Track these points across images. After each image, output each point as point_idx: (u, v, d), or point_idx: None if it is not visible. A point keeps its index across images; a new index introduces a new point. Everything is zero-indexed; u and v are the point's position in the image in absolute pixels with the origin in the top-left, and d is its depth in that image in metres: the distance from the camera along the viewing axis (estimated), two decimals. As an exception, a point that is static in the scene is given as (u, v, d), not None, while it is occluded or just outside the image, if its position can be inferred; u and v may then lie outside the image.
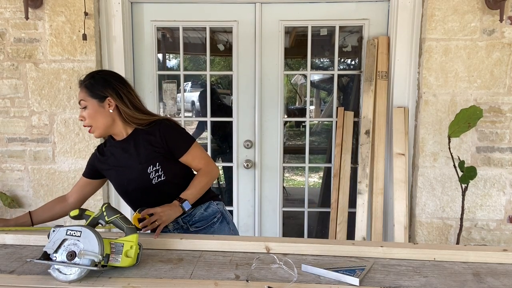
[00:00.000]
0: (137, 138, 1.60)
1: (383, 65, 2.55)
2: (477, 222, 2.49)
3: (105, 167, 1.66)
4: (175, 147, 1.60)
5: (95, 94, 1.55)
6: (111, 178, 1.68)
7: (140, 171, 1.57)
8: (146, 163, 1.57)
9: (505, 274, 1.20)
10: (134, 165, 1.59)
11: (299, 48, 3.23)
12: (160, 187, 1.58)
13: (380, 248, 1.32)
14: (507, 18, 2.31)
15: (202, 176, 1.61)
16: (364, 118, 2.57)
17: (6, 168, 2.60)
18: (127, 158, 1.61)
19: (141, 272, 1.19)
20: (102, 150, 1.68)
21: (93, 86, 1.56)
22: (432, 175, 2.46)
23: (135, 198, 1.64)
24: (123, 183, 1.63)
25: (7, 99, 2.52)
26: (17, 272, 1.20)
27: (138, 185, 1.59)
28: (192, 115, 9.03)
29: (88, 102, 1.55)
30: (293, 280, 1.13)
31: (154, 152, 1.58)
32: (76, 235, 1.14)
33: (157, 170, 1.57)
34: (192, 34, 3.70)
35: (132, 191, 1.62)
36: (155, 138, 1.58)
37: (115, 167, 1.64)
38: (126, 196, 1.68)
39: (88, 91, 1.56)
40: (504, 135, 2.41)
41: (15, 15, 2.44)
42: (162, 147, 1.58)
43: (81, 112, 1.57)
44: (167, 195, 1.56)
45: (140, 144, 1.59)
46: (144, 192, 1.59)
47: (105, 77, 1.61)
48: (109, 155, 1.66)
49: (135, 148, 1.60)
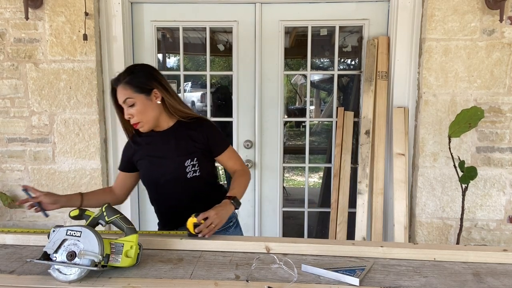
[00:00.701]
0: (179, 131, 1.61)
1: (383, 65, 2.55)
2: (477, 222, 2.49)
3: (138, 156, 1.65)
4: (215, 145, 1.63)
5: (141, 88, 1.53)
6: (143, 167, 1.65)
7: (177, 164, 1.59)
8: (184, 156, 1.58)
9: (505, 274, 1.20)
10: (172, 157, 1.59)
11: (299, 48, 3.23)
12: (192, 182, 1.60)
13: (380, 248, 1.32)
14: (507, 18, 2.31)
15: (242, 176, 1.63)
16: (364, 118, 2.57)
17: (6, 168, 2.60)
18: (165, 149, 1.61)
19: (141, 272, 1.19)
20: (136, 140, 1.66)
21: (136, 81, 1.53)
22: (432, 175, 2.46)
23: (165, 191, 1.63)
24: (156, 174, 1.62)
25: (7, 99, 2.53)
26: (17, 272, 1.20)
27: (172, 177, 1.60)
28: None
29: (136, 98, 1.52)
30: (293, 280, 1.13)
31: (194, 147, 1.60)
32: (76, 235, 1.14)
33: (194, 165, 1.59)
34: (192, 34, 3.70)
35: (164, 183, 1.61)
36: (197, 134, 1.60)
37: (149, 156, 1.63)
38: (155, 187, 1.66)
39: (133, 87, 1.52)
40: (504, 135, 2.41)
41: (15, 15, 2.44)
42: (203, 144, 1.60)
43: (128, 110, 1.53)
44: (196, 191, 1.61)
45: (181, 137, 1.60)
46: (176, 185, 1.60)
47: (144, 70, 1.60)
48: (144, 145, 1.64)
49: (175, 140, 1.60)
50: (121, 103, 1.54)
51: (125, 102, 1.53)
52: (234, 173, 1.65)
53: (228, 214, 1.48)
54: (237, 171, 1.64)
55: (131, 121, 1.55)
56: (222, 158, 1.66)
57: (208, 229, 1.38)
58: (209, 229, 1.38)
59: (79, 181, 2.58)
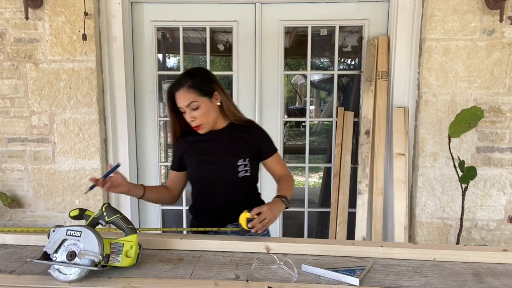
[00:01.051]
0: (232, 132, 1.66)
1: (383, 65, 2.55)
2: (477, 222, 2.49)
3: (189, 154, 1.67)
4: (265, 148, 1.70)
5: (204, 91, 1.57)
6: (193, 165, 1.67)
7: (230, 162, 1.62)
8: (237, 156, 1.63)
9: (505, 274, 1.20)
10: (225, 156, 1.63)
11: (299, 48, 3.23)
12: (242, 182, 1.64)
13: (380, 248, 1.32)
14: (507, 18, 2.31)
15: (289, 180, 1.69)
16: (364, 118, 2.57)
17: (6, 168, 2.60)
18: (219, 148, 1.64)
19: (141, 272, 1.19)
20: (187, 139, 1.68)
21: (200, 84, 1.57)
22: (432, 175, 2.46)
23: (215, 189, 1.65)
24: (207, 172, 1.65)
25: (7, 99, 2.53)
26: (17, 272, 1.20)
27: (223, 175, 1.63)
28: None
29: (200, 101, 1.55)
30: (293, 280, 1.13)
31: (246, 148, 1.65)
32: (76, 235, 1.14)
33: (246, 165, 1.64)
34: (192, 34, 3.71)
35: (215, 181, 1.64)
36: (249, 136, 1.66)
37: (200, 154, 1.65)
38: (205, 185, 1.67)
39: (197, 90, 1.55)
40: (504, 135, 2.41)
41: (15, 15, 2.44)
42: (254, 146, 1.66)
43: (191, 113, 1.56)
44: (244, 191, 1.67)
45: (234, 137, 1.65)
46: (226, 183, 1.63)
47: (204, 73, 1.64)
48: (195, 143, 1.67)
49: (228, 140, 1.64)
50: (183, 107, 1.56)
51: (188, 106, 1.55)
52: (280, 177, 1.70)
53: (279, 211, 1.51)
54: (285, 175, 1.71)
55: (192, 123, 1.58)
56: (270, 161, 1.71)
57: (262, 224, 1.40)
58: (262, 224, 1.40)
59: (79, 181, 2.58)
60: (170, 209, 3.26)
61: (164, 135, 5.12)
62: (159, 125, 2.80)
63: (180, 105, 1.57)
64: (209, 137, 1.65)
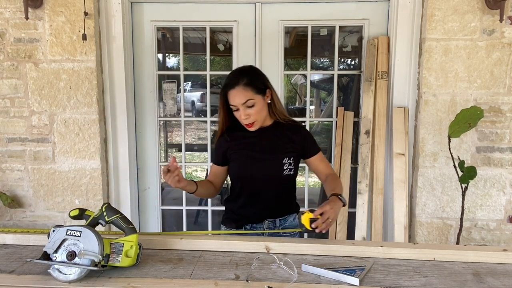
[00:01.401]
0: (278, 130, 1.68)
1: (383, 65, 2.55)
2: (477, 222, 2.49)
3: (233, 150, 1.68)
4: (310, 147, 1.72)
5: (259, 89, 1.58)
6: (238, 160, 1.68)
7: (276, 160, 1.64)
8: (283, 154, 1.65)
9: (505, 274, 1.20)
10: (272, 153, 1.65)
11: (299, 48, 3.23)
12: (286, 180, 1.67)
13: (380, 248, 1.32)
14: (507, 18, 2.31)
15: (338, 179, 1.72)
16: (364, 118, 2.57)
17: (6, 168, 2.60)
18: (265, 145, 1.65)
19: (141, 272, 1.19)
20: (233, 134, 1.69)
21: (256, 82, 1.58)
22: (432, 175, 2.46)
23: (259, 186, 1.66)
24: (252, 168, 1.66)
25: (7, 99, 2.53)
26: (17, 272, 1.19)
27: (268, 172, 1.64)
28: (192, 115, 9.05)
29: (256, 99, 1.57)
30: (293, 280, 1.13)
31: (291, 147, 1.67)
32: (76, 235, 1.14)
33: (290, 163, 1.66)
34: (192, 34, 3.71)
35: (259, 177, 1.65)
36: (295, 135, 1.68)
37: (246, 150, 1.66)
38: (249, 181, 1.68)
39: (254, 88, 1.56)
40: (504, 135, 2.41)
41: (15, 15, 2.44)
42: (299, 145, 1.68)
43: (246, 110, 1.56)
44: (286, 189, 1.71)
45: (281, 136, 1.67)
46: (270, 180, 1.65)
47: (257, 71, 1.65)
48: (241, 138, 1.67)
49: (275, 138, 1.66)
50: (239, 105, 1.56)
51: (244, 103, 1.55)
52: (327, 175, 1.71)
53: (339, 209, 1.51)
54: (332, 174, 1.73)
55: (246, 121, 1.59)
56: (315, 159, 1.73)
57: (326, 223, 1.40)
58: (326, 223, 1.41)
59: (79, 181, 2.58)
60: (170, 209, 3.27)
61: (164, 135, 5.12)
62: (159, 125, 2.80)
63: (234, 102, 1.57)
64: (255, 134, 1.65)
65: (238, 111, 1.58)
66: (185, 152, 2.96)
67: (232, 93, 1.57)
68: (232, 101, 1.58)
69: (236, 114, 1.61)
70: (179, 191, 2.93)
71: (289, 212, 1.74)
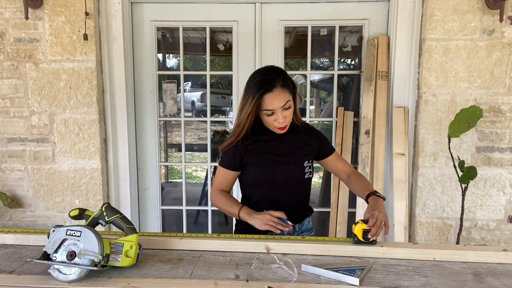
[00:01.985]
0: (296, 133, 1.64)
1: (383, 65, 2.55)
2: (477, 222, 2.49)
3: (252, 154, 1.60)
4: (325, 147, 1.71)
5: (292, 92, 1.54)
6: (256, 164, 1.61)
7: (297, 163, 1.62)
8: (304, 157, 1.63)
9: (505, 274, 1.20)
10: (293, 156, 1.62)
11: (299, 48, 3.23)
12: (306, 182, 1.66)
13: (380, 248, 1.32)
14: (507, 18, 2.31)
15: (362, 175, 1.71)
16: (364, 118, 2.57)
17: (6, 168, 2.60)
18: (284, 148, 1.61)
19: (141, 272, 1.19)
20: (248, 138, 1.60)
21: (289, 83, 1.53)
22: (432, 175, 2.46)
23: (280, 189, 1.61)
24: (273, 171, 1.60)
25: (7, 99, 2.53)
26: (17, 272, 1.19)
27: (291, 175, 1.61)
28: (192, 115, 9.05)
29: (292, 100, 1.52)
30: (293, 280, 1.13)
31: (309, 150, 1.66)
32: (76, 235, 1.14)
33: (310, 166, 1.65)
34: (192, 34, 3.71)
35: (280, 181, 1.60)
36: (311, 138, 1.67)
37: (265, 153, 1.60)
38: (270, 185, 1.61)
39: (289, 89, 1.51)
40: (504, 135, 2.41)
41: (15, 15, 2.44)
42: (315, 147, 1.68)
43: (283, 112, 1.50)
44: (306, 192, 1.69)
45: (299, 139, 1.65)
46: (292, 184, 1.62)
47: (283, 69, 1.58)
48: (258, 142, 1.61)
49: (294, 141, 1.63)
50: (277, 108, 1.48)
51: (284, 106, 1.49)
52: (349, 174, 1.70)
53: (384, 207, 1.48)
54: (354, 172, 1.71)
55: (282, 124, 1.52)
56: (332, 159, 1.71)
57: (380, 228, 1.37)
58: (380, 227, 1.37)
59: (79, 181, 2.58)
60: (170, 209, 3.27)
61: (164, 135, 5.13)
62: (159, 125, 2.80)
63: (273, 106, 1.47)
64: (273, 137, 1.60)
65: (273, 115, 1.49)
66: (185, 152, 2.96)
67: (270, 96, 1.47)
68: (270, 105, 1.47)
69: (269, 119, 1.51)
70: (179, 191, 2.94)
71: (305, 216, 1.71)
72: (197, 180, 6.12)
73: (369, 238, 1.34)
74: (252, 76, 1.56)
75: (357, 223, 1.37)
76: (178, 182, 5.70)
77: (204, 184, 4.04)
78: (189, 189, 3.15)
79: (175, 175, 6.39)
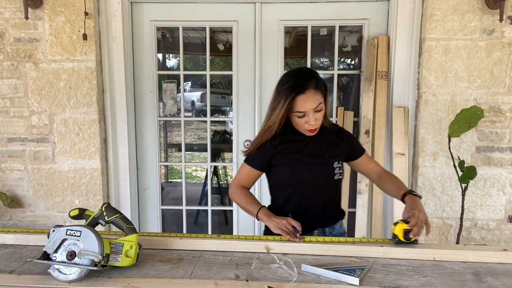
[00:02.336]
0: (326, 134, 1.63)
1: (383, 65, 2.55)
2: (477, 222, 2.49)
3: (281, 155, 1.59)
4: (356, 148, 1.70)
5: (324, 94, 1.53)
6: (285, 165, 1.59)
7: (326, 164, 1.60)
8: (333, 158, 1.61)
9: (505, 273, 1.20)
10: (323, 157, 1.60)
11: (299, 48, 3.23)
12: (335, 184, 1.64)
13: (380, 248, 1.32)
14: (507, 17, 2.31)
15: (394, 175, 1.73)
16: (364, 118, 2.57)
17: (6, 168, 2.60)
18: (313, 149, 1.60)
19: (141, 272, 1.19)
20: (276, 139, 1.58)
21: (321, 85, 1.51)
22: (432, 175, 2.46)
23: (309, 191, 1.60)
24: (302, 172, 1.59)
25: (7, 99, 2.52)
26: (17, 272, 1.20)
27: (320, 176, 1.60)
28: (192, 115, 9.05)
29: (323, 102, 1.51)
30: (293, 280, 1.13)
31: (339, 151, 1.64)
32: (76, 235, 1.14)
33: (340, 167, 1.63)
34: (192, 34, 3.71)
35: (309, 182, 1.59)
36: (341, 139, 1.65)
37: (294, 154, 1.59)
38: (299, 186, 1.60)
39: (321, 91, 1.50)
40: (504, 135, 2.41)
41: (15, 15, 2.44)
42: (345, 148, 1.66)
43: (315, 115, 1.49)
44: (335, 193, 1.67)
45: (329, 140, 1.63)
46: (321, 185, 1.60)
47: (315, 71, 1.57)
48: (287, 142, 1.60)
49: (324, 143, 1.62)
50: (309, 110, 1.47)
51: (316, 108, 1.48)
52: (380, 174, 1.70)
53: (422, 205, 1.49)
54: (385, 172, 1.72)
55: (313, 126, 1.51)
56: (362, 160, 1.70)
57: (421, 227, 1.36)
58: (422, 226, 1.37)
59: (79, 181, 2.58)
60: (170, 209, 3.27)
61: (164, 135, 5.13)
62: (159, 125, 2.80)
63: (305, 108, 1.47)
64: (302, 138, 1.59)
65: (304, 117, 1.49)
66: (185, 152, 2.96)
67: (303, 98, 1.45)
68: (303, 107, 1.46)
69: (300, 120, 1.50)
70: (179, 191, 2.94)
71: (336, 220, 1.69)
72: (197, 180, 6.12)
73: (410, 238, 1.33)
74: (284, 77, 1.55)
75: (397, 223, 1.36)
76: (178, 182, 5.70)
77: (204, 184, 4.04)
78: (189, 189, 3.15)
79: (175, 175, 6.39)
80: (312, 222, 1.60)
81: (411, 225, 1.34)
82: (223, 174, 4.52)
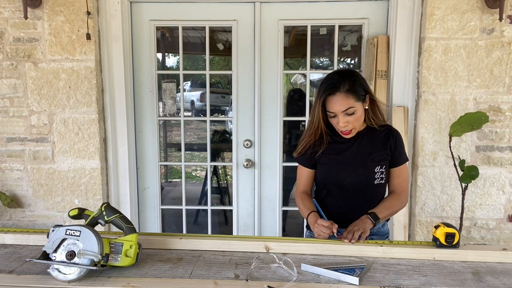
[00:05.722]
0: (372, 136, 1.62)
1: (382, 64, 2.55)
2: (476, 221, 2.49)
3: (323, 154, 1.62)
4: (399, 156, 1.64)
5: (360, 96, 1.51)
6: (325, 164, 1.63)
7: (368, 168, 1.59)
8: (376, 162, 1.59)
9: (505, 273, 1.20)
10: (364, 160, 1.59)
11: (298, 47, 3.23)
12: (376, 189, 1.62)
13: (379, 247, 1.32)
14: (507, 17, 2.31)
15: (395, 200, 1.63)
16: (363, 117, 2.57)
17: (5, 168, 2.60)
18: (356, 151, 1.60)
19: (141, 271, 1.19)
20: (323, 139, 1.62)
21: (357, 89, 1.51)
22: (431, 174, 2.46)
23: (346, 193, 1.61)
24: (341, 174, 1.60)
25: (6, 98, 2.52)
26: (16, 271, 1.19)
27: (359, 180, 1.59)
28: (191, 115, 9.05)
29: (356, 106, 1.51)
30: (293, 280, 1.13)
31: (385, 154, 1.61)
32: (76, 234, 1.14)
33: (382, 172, 1.60)
34: (192, 33, 3.71)
35: (348, 184, 1.60)
36: (388, 142, 1.62)
37: (335, 155, 1.61)
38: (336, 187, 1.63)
39: (355, 95, 1.50)
40: (504, 134, 2.41)
41: (14, 15, 2.43)
42: (391, 151, 1.62)
43: (345, 118, 1.50)
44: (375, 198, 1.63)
45: (374, 142, 1.61)
46: (360, 188, 1.60)
47: (358, 76, 1.56)
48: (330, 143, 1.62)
49: (368, 145, 1.61)
50: (338, 112, 1.50)
51: (345, 111, 1.49)
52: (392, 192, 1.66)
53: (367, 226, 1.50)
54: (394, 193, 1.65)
55: (344, 128, 1.53)
56: (397, 170, 1.64)
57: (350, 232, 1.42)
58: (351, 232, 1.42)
59: (79, 180, 2.58)
60: (170, 208, 3.27)
61: (163, 135, 5.12)
62: (158, 124, 2.80)
63: (334, 109, 1.50)
64: (347, 139, 1.60)
65: (335, 117, 1.52)
66: (184, 151, 2.96)
67: (333, 99, 1.49)
68: (331, 108, 1.50)
69: (333, 121, 1.54)
70: (178, 190, 2.94)
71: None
72: (197, 179, 6.12)
73: (452, 242, 1.33)
74: (324, 77, 1.58)
75: (438, 226, 1.36)
76: (178, 181, 5.70)
77: (204, 183, 4.03)
78: (188, 189, 3.15)
79: (174, 174, 6.39)
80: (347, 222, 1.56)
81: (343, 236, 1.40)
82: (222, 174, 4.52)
